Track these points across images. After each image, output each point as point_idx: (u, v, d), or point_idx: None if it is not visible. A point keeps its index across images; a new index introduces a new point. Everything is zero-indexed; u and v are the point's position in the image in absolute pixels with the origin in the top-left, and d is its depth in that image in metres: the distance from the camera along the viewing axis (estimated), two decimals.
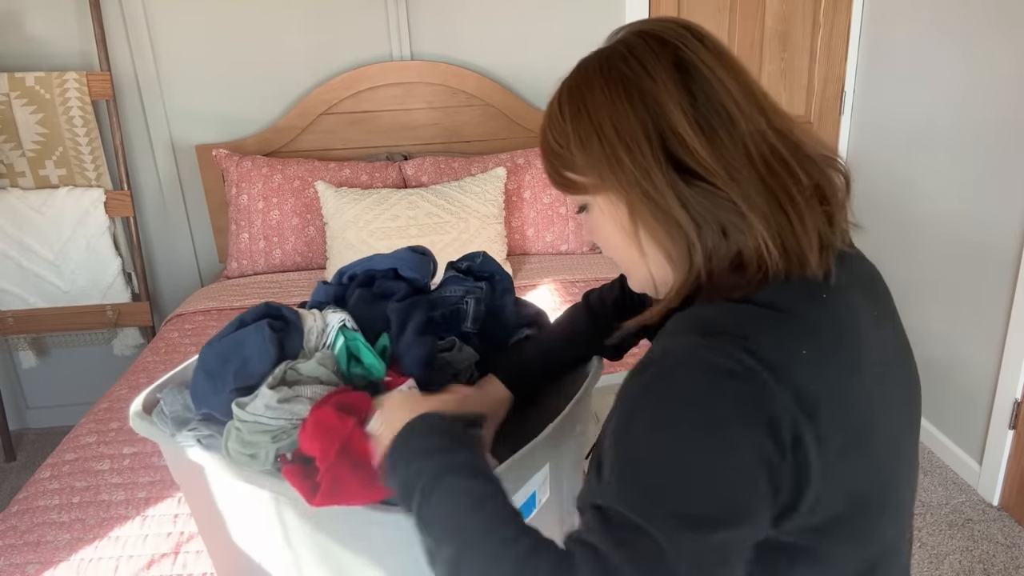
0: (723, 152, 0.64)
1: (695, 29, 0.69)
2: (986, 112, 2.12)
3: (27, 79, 2.32)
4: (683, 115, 0.64)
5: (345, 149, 2.64)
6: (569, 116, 0.69)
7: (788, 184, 0.65)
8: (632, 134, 0.65)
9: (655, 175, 0.65)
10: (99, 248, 2.48)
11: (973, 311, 2.23)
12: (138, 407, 0.94)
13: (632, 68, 0.66)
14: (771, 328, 0.61)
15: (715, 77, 0.66)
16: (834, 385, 0.61)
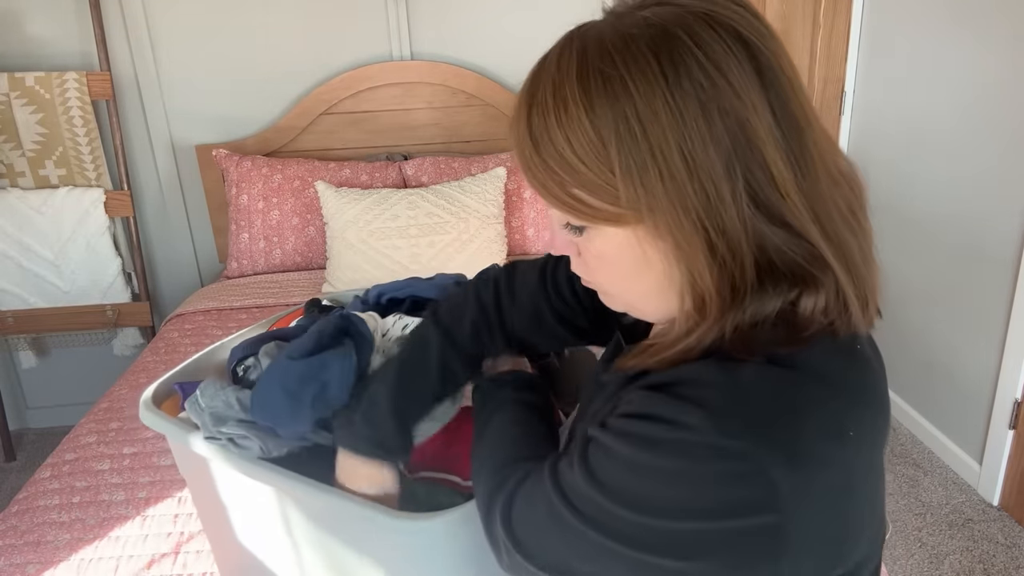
0: (806, 187, 0.52)
1: (757, 12, 0.53)
2: (986, 112, 2.12)
3: (27, 79, 2.32)
4: (775, 147, 0.51)
5: (345, 149, 2.64)
6: (615, 133, 0.51)
7: (859, 218, 0.55)
8: (711, 171, 0.50)
9: (730, 223, 0.51)
10: (99, 248, 2.48)
11: (973, 311, 2.23)
12: (148, 399, 0.95)
13: (707, 73, 0.49)
14: (819, 410, 0.52)
15: (793, 92, 0.52)
16: (871, 454, 0.55)
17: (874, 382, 0.57)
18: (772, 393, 0.52)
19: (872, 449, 0.55)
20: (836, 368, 0.55)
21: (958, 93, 2.22)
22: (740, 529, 0.50)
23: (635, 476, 0.52)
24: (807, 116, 0.53)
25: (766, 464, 0.49)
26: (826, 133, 0.55)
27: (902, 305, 2.57)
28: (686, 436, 0.50)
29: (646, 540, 0.52)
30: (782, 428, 0.50)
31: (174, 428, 0.91)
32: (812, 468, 0.50)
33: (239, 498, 0.93)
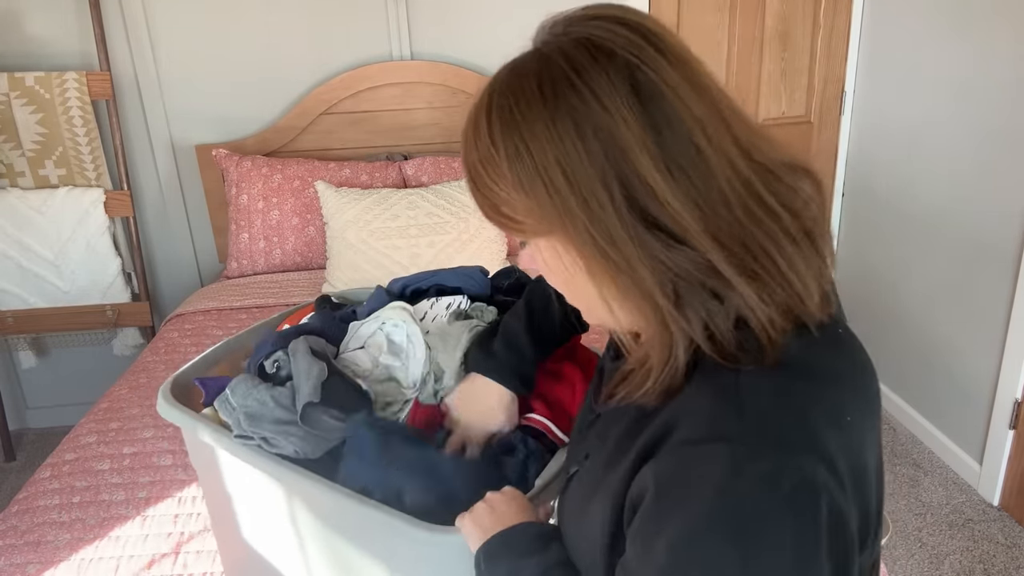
0: (696, 201, 0.54)
1: (651, 31, 0.56)
2: (986, 112, 2.12)
3: (27, 79, 2.32)
4: (649, 157, 0.53)
5: (345, 149, 2.64)
6: (506, 155, 0.56)
7: (771, 227, 0.55)
8: (588, 183, 0.53)
9: (616, 233, 0.54)
10: (99, 248, 2.47)
11: (973, 311, 2.23)
12: (166, 390, 0.95)
13: (581, 96, 0.53)
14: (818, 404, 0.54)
15: (681, 102, 0.54)
16: (868, 438, 0.57)
17: (862, 363, 0.59)
18: (774, 402, 0.53)
19: (867, 430, 0.57)
20: (822, 358, 0.57)
21: (958, 93, 2.22)
22: (824, 537, 0.50)
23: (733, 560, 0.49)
24: (708, 122, 0.54)
25: (804, 468, 0.50)
26: (754, 134, 0.58)
27: (902, 305, 2.57)
28: (732, 483, 0.50)
29: None
30: (798, 432, 0.52)
31: (193, 421, 0.91)
32: (832, 457, 0.52)
33: (253, 494, 0.93)
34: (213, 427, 0.90)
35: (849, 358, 0.59)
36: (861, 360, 0.60)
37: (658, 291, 0.55)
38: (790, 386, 0.54)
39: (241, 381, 0.90)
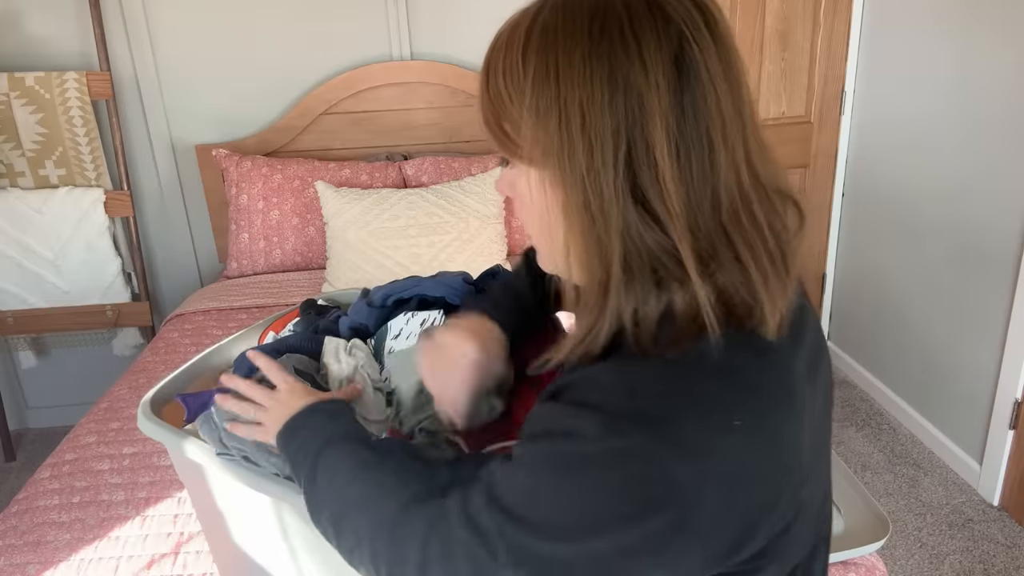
0: (691, 191, 0.54)
1: (711, 13, 0.55)
2: (986, 112, 2.12)
3: (27, 79, 2.32)
4: (666, 133, 0.53)
5: (345, 149, 2.64)
6: (533, 74, 0.55)
7: (754, 240, 0.56)
8: (600, 131, 0.53)
9: (607, 189, 0.54)
10: (99, 248, 2.48)
11: (973, 311, 2.23)
12: (146, 406, 0.94)
13: (626, 45, 0.53)
14: (704, 402, 0.54)
15: (714, 93, 0.54)
16: (769, 445, 0.55)
17: (781, 378, 0.57)
18: (659, 390, 0.54)
19: (771, 440, 0.55)
20: (732, 361, 0.55)
21: (958, 93, 2.22)
22: (658, 530, 0.51)
23: (551, 502, 0.53)
24: (729, 123, 0.55)
25: (661, 459, 0.51)
26: (763, 150, 0.58)
27: (902, 304, 2.57)
28: (585, 447, 0.52)
29: (573, 567, 0.53)
30: (670, 422, 0.52)
31: (174, 437, 0.91)
32: (706, 457, 0.52)
33: (238, 506, 0.93)
34: (197, 443, 0.89)
35: (766, 367, 0.57)
36: (788, 382, 0.58)
37: (616, 260, 0.55)
38: (682, 380, 0.54)
39: None
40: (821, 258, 3.00)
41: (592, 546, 0.52)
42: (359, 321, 0.99)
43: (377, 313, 0.99)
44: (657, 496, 0.51)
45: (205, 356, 1.09)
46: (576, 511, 0.52)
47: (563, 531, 0.53)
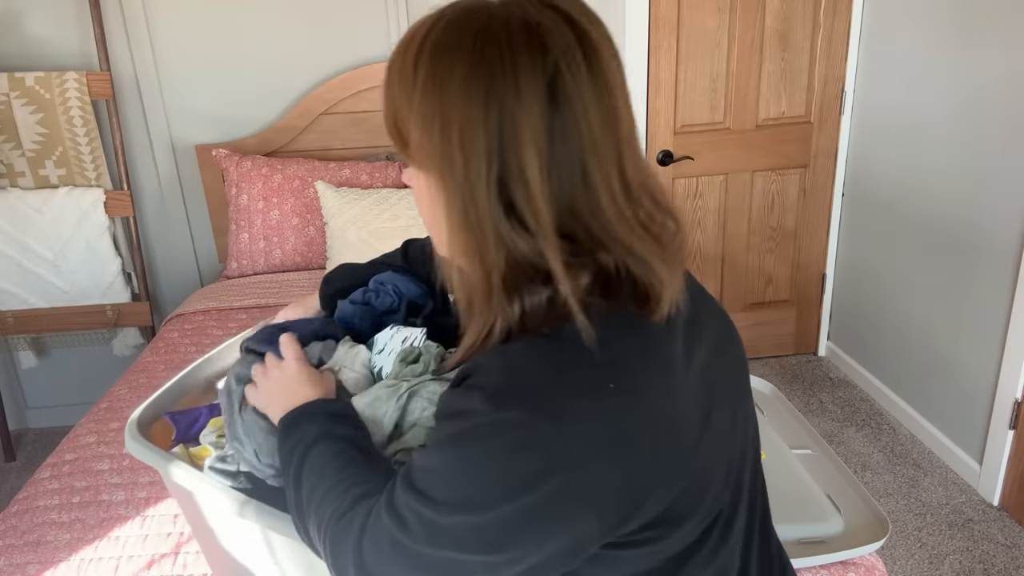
0: (562, 205, 0.59)
1: (593, 44, 0.60)
2: (986, 112, 2.12)
3: (27, 79, 2.32)
4: (536, 154, 0.57)
5: (345, 149, 2.64)
6: (421, 85, 0.59)
7: (631, 240, 0.61)
8: (475, 148, 0.58)
9: (481, 201, 0.58)
10: (99, 248, 2.48)
11: (973, 311, 2.23)
12: (132, 427, 0.94)
13: (504, 71, 0.57)
14: (577, 370, 0.58)
15: (585, 118, 0.58)
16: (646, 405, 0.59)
17: (656, 350, 0.62)
18: (534, 363, 0.59)
19: (648, 406, 0.59)
20: (606, 335, 0.59)
21: (958, 92, 2.22)
22: (546, 497, 0.55)
23: (449, 478, 0.58)
24: (600, 145, 0.59)
25: (539, 427, 0.55)
26: (639, 167, 0.63)
27: (902, 305, 2.57)
28: (474, 422, 0.57)
29: (475, 539, 0.57)
30: (545, 391, 0.57)
31: (160, 459, 0.91)
32: (579, 422, 0.56)
33: (227, 527, 0.93)
34: (183, 465, 0.89)
35: (637, 341, 0.62)
36: (664, 354, 0.62)
37: (494, 263, 0.60)
38: (555, 352, 0.59)
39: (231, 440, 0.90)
40: (821, 258, 3.00)
41: (491, 515, 0.56)
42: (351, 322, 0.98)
43: (362, 311, 0.98)
44: (540, 462, 0.55)
45: (190, 371, 1.08)
46: (472, 483, 0.57)
47: (463, 504, 0.57)
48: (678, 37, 2.63)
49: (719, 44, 2.66)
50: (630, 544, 0.61)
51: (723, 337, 0.74)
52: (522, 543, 0.57)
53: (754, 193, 2.88)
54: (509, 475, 0.56)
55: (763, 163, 2.84)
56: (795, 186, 2.88)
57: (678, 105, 2.73)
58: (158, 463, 0.91)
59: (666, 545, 0.63)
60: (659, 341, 0.62)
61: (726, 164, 2.82)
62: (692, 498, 0.62)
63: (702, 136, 2.77)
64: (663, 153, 2.77)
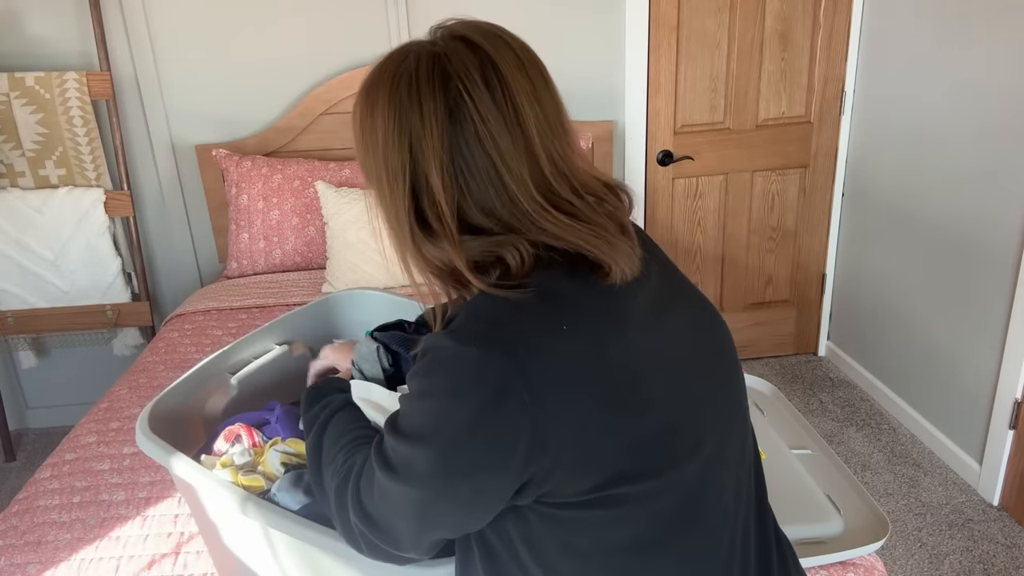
0: (473, 208, 0.69)
1: (495, 65, 0.69)
2: (986, 112, 2.12)
3: (27, 79, 2.32)
4: (438, 166, 0.67)
5: (345, 149, 2.64)
6: (359, 117, 0.73)
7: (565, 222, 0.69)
8: (394, 168, 0.69)
9: (400, 214, 0.70)
10: (99, 248, 2.48)
11: (973, 311, 2.23)
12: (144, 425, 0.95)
13: (411, 100, 0.68)
14: (534, 310, 0.67)
15: (488, 132, 0.67)
16: (599, 351, 0.66)
17: (611, 304, 0.69)
18: (494, 305, 0.67)
19: (599, 347, 0.66)
20: (559, 283, 0.68)
21: (958, 93, 2.22)
22: (500, 426, 0.62)
23: (421, 409, 0.66)
24: (507, 153, 0.67)
25: (495, 358, 0.63)
26: (564, 161, 0.71)
27: (902, 304, 2.57)
28: (440, 355, 0.65)
29: (442, 465, 0.64)
30: (502, 328, 0.65)
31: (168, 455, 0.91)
32: (534, 355, 0.63)
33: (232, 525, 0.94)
34: (190, 461, 0.90)
35: (588, 293, 0.69)
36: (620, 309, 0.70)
37: (418, 265, 0.72)
38: (514, 297, 0.67)
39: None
40: (821, 258, 3.00)
41: (457, 443, 0.63)
42: None
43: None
44: (497, 393, 0.62)
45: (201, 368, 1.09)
46: (439, 412, 0.64)
47: (433, 434, 0.64)
48: (678, 37, 2.63)
49: (719, 44, 2.66)
50: (589, 504, 0.66)
51: (700, 316, 0.80)
52: (481, 467, 0.63)
53: (754, 193, 2.88)
54: (472, 406, 0.62)
55: (763, 163, 2.84)
56: (795, 186, 2.88)
57: (678, 105, 2.73)
58: (164, 458, 0.91)
59: (630, 514, 0.67)
60: (615, 297, 0.70)
61: (726, 164, 2.82)
62: (639, 460, 0.66)
63: (702, 136, 2.77)
64: (663, 153, 2.77)
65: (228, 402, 1.15)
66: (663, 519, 0.68)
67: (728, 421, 0.76)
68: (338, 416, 0.85)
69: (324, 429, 0.84)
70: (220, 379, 1.12)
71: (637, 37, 2.60)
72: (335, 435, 0.82)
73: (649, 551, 0.68)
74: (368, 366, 0.97)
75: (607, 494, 0.65)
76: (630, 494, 0.66)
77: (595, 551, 0.68)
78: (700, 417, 0.72)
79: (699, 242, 2.92)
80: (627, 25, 2.58)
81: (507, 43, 0.71)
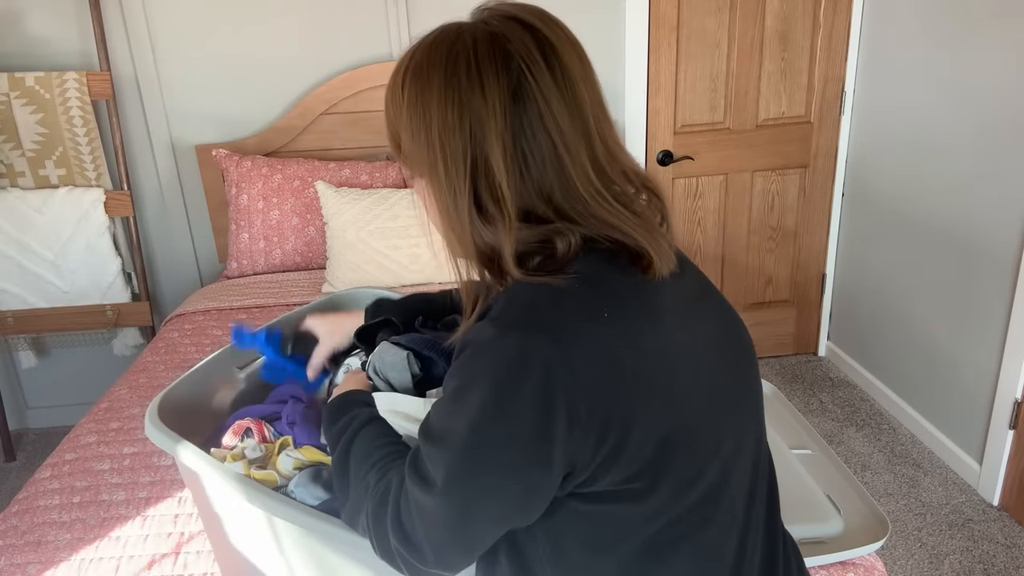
0: (531, 193, 0.67)
1: (552, 46, 0.67)
2: (986, 111, 2.12)
3: (27, 79, 2.32)
4: (501, 147, 0.65)
5: (345, 149, 2.64)
6: (406, 102, 0.69)
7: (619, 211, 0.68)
8: (453, 151, 0.67)
9: (460, 199, 0.67)
10: (99, 248, 2.48)
11: (973, 311, 2.23)
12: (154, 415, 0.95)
13: (471, 81, 0.66)
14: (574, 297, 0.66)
15: (550, 113, 0.66)
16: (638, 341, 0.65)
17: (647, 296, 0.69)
18: (534, 290, 0.66)
19: (636, 337, 0.65)
20: (599, 271, 0.68)
21: (958, 93, 2.22)
22: (542, 414, 0.61)
23: (460, 403, 0.64)
24: (568, 135, 0.67)
25: (538, 342, 0.62)
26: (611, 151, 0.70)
27: (902, 304, 2.57)
28: (481, 346, 0.64)
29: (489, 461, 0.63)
30: (543, 313, 0.64)
31: (178, 445, 0.91)
32: (576, 338, 0.63)
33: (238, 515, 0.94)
34: (199, 451, 0.90)
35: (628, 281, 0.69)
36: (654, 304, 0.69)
37: (473, 252, 0.69)
38: (554, 284, 0.66)
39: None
40: (821, 258, 3.00)
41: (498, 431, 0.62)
42: None
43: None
44: (539, 380, 0.61)
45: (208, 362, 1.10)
46: (479, 404, 0.62)
47: (471, 426, 0.62)
48: (678, 37, 2.63)
49: (719, 44, 2.66)
50: (614, 496, 0.66)
51: (726, 319, 0.79)
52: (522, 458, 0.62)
53: (754, 193, 2.88)
54: (512, 392, 0.61)
55: (763, 163, 2.84)
56: (795, 186, 2.88)
57: (678, 105, 2.73)
58: (174, 448, 0.92)
59: (650, 508, 0.67)
60: (656, 291, 0.69)
61: (726, 164, 2.82)
62: (667, 454, 0.66)
63: (702, 136, 2.77)
64: (663, 153, 2.77)
65: (235, 396, 1.15)
66: (682, 516, 0.68)
67: (746, 424, 0.76)
68: (365, 431, 0.82)
69: (351, 445, 0.81)
70: (228, 373, 1.12)
71: (637, 37, 2.60)
72: (363, 453, 0.79)
73: (665, 548, 0.69)
74: (396, 374, 0.94)
75: (634, 487, 0.65)
76: (654, 489, 0.66)
77: (615, 546, 0.68)
78: (722, 419, 0.72)
79: (699, 242, 2.92)
80: (627, 25, 2.58)
81: (559, 24, 0.70)
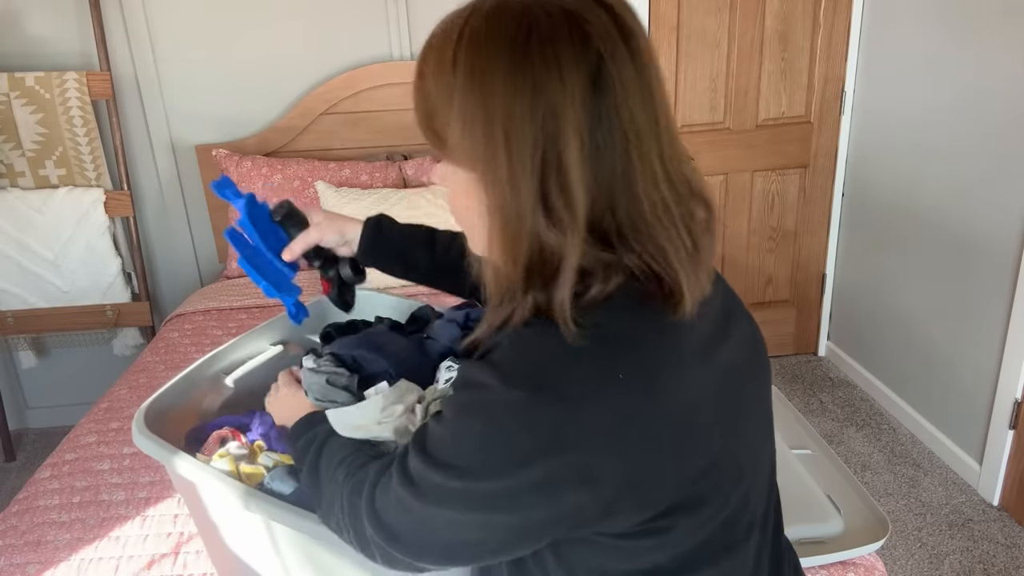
0: (601, 196, 0.58)
1: (630, 29, 0.59)
2: (986, 111, 2.12)
3: (27, 79, 2.32)
4: (578, 140, 0.56)
5: (345, 149, 2.64)
6: (461, 82, 0.58)
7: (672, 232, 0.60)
8: (520, 142, 0.56)
9: (523, 195, 0.57)
10: (99, 248, 2.48)
11: (973, 311, 2.23)
12: (140, 423, 0.95)
13: (547, 63, 0.55)
14: (588, 357, 0.58)
15: (627, 105, 0.57)
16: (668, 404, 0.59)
17: (671, 343, 0.61)
18: (545, 346, 0.58)
19: (652, 381, 0.58)
20: (621, 324, 0.59)
21: (958, 93, 2.22)
22: (546, 474, 0.56)
23: (457, 445, 0.59)
24: (643, 132, 0.58)
25: (543, 408, 0.56)
26: (678, 154, 0.62)
27: (902, 305, 2.57)
28: (485, 396, 0.58)
29: (476, 503, 0.58)
30: (553, 372, 0.57)
31: (166, 452, 0.91)
32: (587, 401, 0.56)
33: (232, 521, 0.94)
34: (188, 457, 0.90)
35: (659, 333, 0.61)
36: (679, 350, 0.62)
37: (523, 256, 0.59)
38: (564, 347, 0.58)
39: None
40: (821, 258, 3.00)
41: (493, 484, 0.57)
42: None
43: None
44: (541, 444, 0.55)
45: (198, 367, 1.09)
46: (477, 453, 0.58)
47: (468, 471, 0.58)
48: (678, 37, 2.63)
49: (719, 44, 2.66)
50: (637, 535, 0.62)
51: (751, 343, 0.73)
52: (520, 508, 0.58)
53: (754, 193, 2.88)
54: (514, 451, 0.56)
55: (763, 163, 2.84)
56: (795, 186, 2.88)
57: (678, 105, 2.73)
58: (164, 456, 0.91)
59: (673, 540, 0.63)
60: (678, 336, 0.62)
61: (726, 164, 2.82)
62: (692, 495, 0.62)
63: (702, 136, 2.77)
64: None
65: (223, 402, 1.15)
66: (703, 541, 0.65)
67: (763, 445, 0.74)
68: (334, 437, 0.79)
69: (322, 448, 0.79)
70: (215, 379, 1.12)
71: None
72: (335, 453, 0.77)
73: (684, 571, 0.66)
74: (322, 393, 0.91)
75: (655, 525, 0.61)
76: (677, 524, 0.62)
77: (632, 574, 0.65)
78: (743, 448, 0.68)
79: None
80: None
81: (632, 8, 0.61)
